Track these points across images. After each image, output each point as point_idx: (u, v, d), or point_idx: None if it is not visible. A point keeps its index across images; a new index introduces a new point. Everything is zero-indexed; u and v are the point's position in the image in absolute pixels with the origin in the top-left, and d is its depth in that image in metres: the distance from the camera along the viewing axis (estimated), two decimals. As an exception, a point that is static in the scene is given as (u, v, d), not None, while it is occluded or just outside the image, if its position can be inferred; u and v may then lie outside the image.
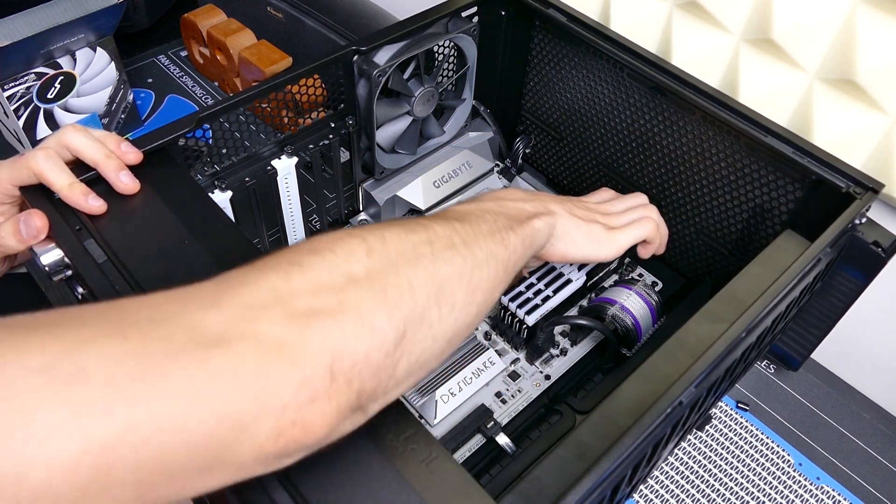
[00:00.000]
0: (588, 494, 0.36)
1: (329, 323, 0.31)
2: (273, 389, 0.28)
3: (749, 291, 0.47)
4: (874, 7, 0.58)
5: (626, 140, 0.70)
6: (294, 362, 0.29)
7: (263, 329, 0.29)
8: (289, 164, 0.64)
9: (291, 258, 0.33)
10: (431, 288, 0.36)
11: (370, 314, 0.32)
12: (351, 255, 0.34)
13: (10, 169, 0.47)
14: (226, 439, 0.28)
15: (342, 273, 0.33)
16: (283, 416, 0.29)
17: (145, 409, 0.26)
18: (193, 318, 0.29)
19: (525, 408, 0.61)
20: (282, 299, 0.31)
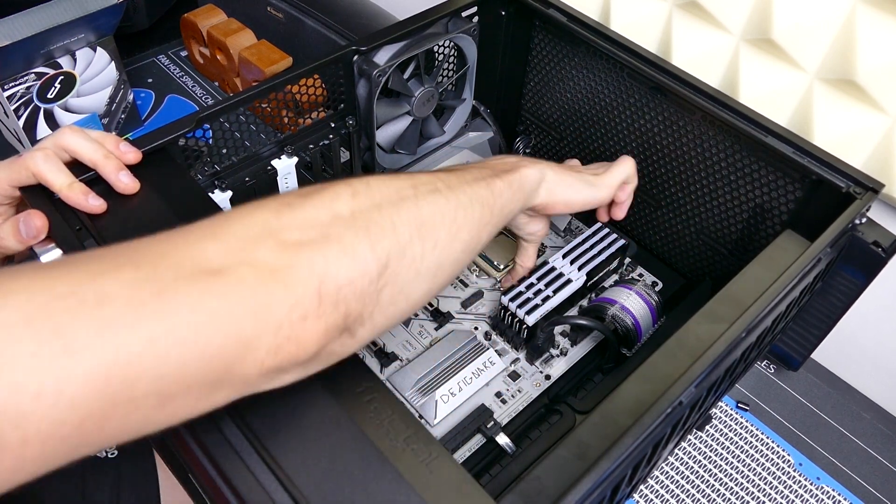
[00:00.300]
0: (588, 494, 0.36)
1: (315, 252, 0.34)
2: (269, 309, 0.32)
3: (749, 291, 0.47)
4: (874, 7, 0.58)
5: (626, 140, 0.70)
6: (286, 285, 0.32)
7: (258, 257, 0.33)
8: (289, 164, 0.64)
9: (282, 199, 0.37)
10: (414, 225, 0.39)
11: (353, 245, 0.36)
12: (336, 197, 0.37)
13: (9, 170, 0.47)
14: (232, 354, 0.31)
15: (328, 211, 0.36)
16: (279, 332, 0.32)
17: (163, 325, 0.29)
18: (196, 249, 0.32)
19: (525, 408, 0.61)
20: (273, 232, 0.34)
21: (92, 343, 0.27)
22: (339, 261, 0.35)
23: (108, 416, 0.28)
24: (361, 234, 0.36)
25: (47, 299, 0.27)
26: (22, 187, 0.47)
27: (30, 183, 0.47)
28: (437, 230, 0.41)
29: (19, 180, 0.47)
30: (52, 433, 0.27)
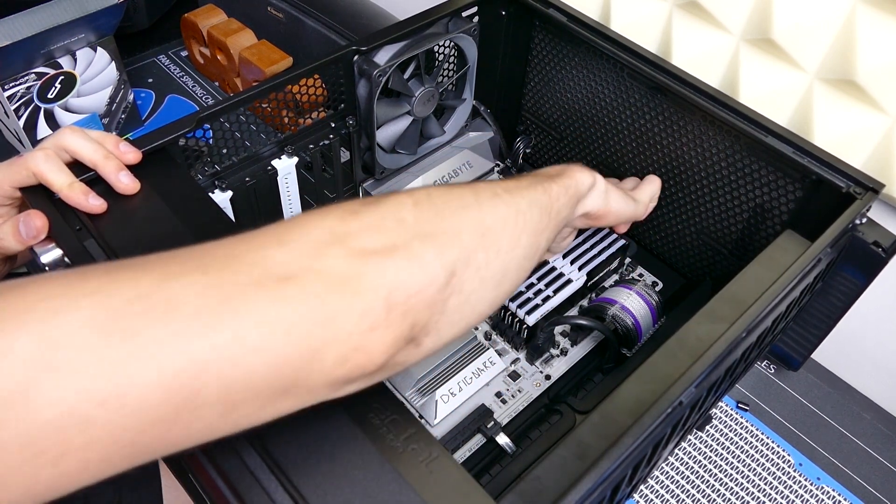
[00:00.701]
0: (588, 494, 0.36)
1: (384, 261, 0.34)
2: (339, 318, 0.31)
3: (749, 291, 0.47)
4: (874, 7, 0.58)
5: (626, 140, 0.70)
6: (355, 294, 0.32)
7: (326, 265, 0.32)
8: (289, 164, 0.64)
9: (345, 207, 0.36)
10: (477, 233, 0.39)
11: (420, 254, 0.35)
12: (400, 206, 0.37)
13: (9, 171, 0.47)
14: (300, 362, 0.31)
15: (393, 219, 0.36)
16: (348, 342, 0.32)
17: (231, 332, 0.29)
18: (263, 254, 0.32)
19: (525, 408, 0.61)
20: (340, 239, 0.34)
21: (159, 350, 0.27)
22: (407, 270, 0.34)
23: (171, 424, 0.28)
24: (428, 242, 0.36)
25: (118, 304, 0.27)
26: (22, 188, 0.47)
27: (30, 183, 0.47)
28: (499, 237, 0.40)
29: (20, 181, 0.47)
30: (116, 438, 0.27)
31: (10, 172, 0.47)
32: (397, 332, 0.34)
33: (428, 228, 0.36)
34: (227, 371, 0.29)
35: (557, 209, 0.47)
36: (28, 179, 0.47)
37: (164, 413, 0.28)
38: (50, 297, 0.27)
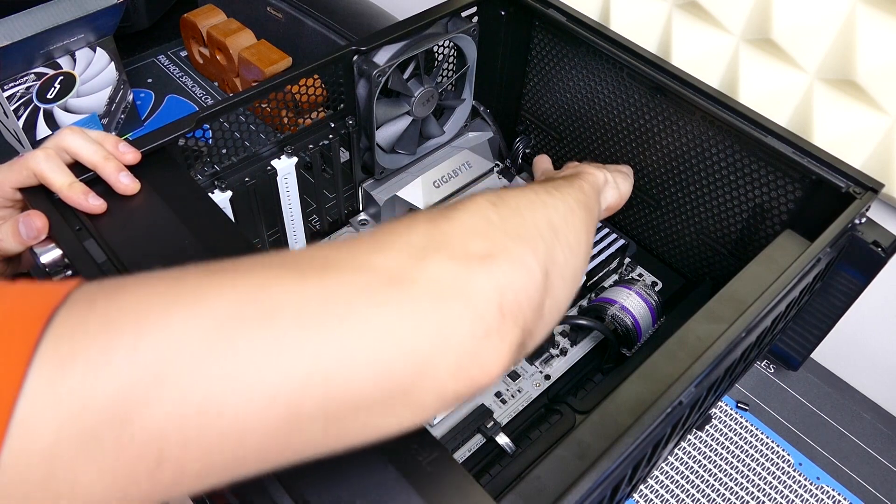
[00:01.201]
0: (588, 494, 0.36)
1: (490, 264, 0.32)
2: (452, 325, 0.29)
3: (749, 291, 0.47)
4: (874, 7, 0.58)
5: (626, 140, 0.70)
6: (468, 300, 0.30)
7: (432, 270, 0.30)
8: (289, 164, 0.64)
9: (431, 215, 0.35)
10: (552, 231, 0.38)
11: (520, 254, 0.34)
12: (481, 208, 0.36)
13: (10, 172, 0.47)
14: (410, 374, 0.28)
15: (481, 219, 0.35)
16: (462, 351, 0.30)
17: (335, 344, 0.27)
18: (365, 260, 0.30)
19: (525, 408, 0.61)
20: (439, 243, 0.32)
21: (258, 361, 0.26)
22: (513, 273, 0.33)
23: (269, 438, 0.27)
24: (520, 242, 0.34)
25: (220, 313, 0.26)
26: (22, 188, 0.47)
27: (31, 183, 0.47)
28: (568, 234, 0.39)
29: (20, 181, 0.47)
30: (213, 450, 0.26)
31: (11, 173, 0.47)
32: (511, 338, 0.32)
33: (514, 228, 0.35)
34: (330, 384, 0.27)
35: (594, 206, 0.48)
36: (28, 179, 0.47)
37: (263, 426, 0.26)
38: (150, 304, 0.26)
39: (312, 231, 0.73)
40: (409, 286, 0.29)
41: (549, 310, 0.36)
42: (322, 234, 0.73)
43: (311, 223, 0.74)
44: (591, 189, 0.49)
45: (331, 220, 0.73)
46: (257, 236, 0.66)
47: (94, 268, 0.44)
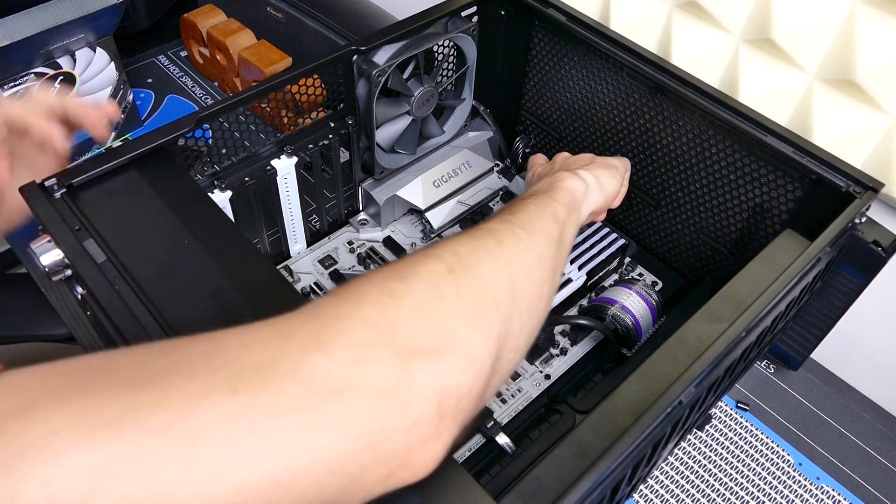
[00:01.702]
0: (588, 494, 0.36)
1: (434, 361, 0.30)
2: (385, 437, 0.28)
3: (749, 291, 0.47)
4: (874, 7, 0.58)
5: (626, 140, 0.70)
6: (404, 406, 0.29)
7: (372, 373, 0.28)
8: (288, 164, 0.64)
9: (381, 286, 0.32)
10: (510, 294, 0.36)
11: (469, 345, 0.32)
12: (436, 278, 0.34)
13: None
14: (338, 488, 0.28)
15: (433, 297, 0.33)
16: (393, 460, 0.29)
17: (261, 468, 0.26)
18: (300, 363, 0.28)
19: (525, 407, 0.61)
20: (384, 336, 0.30)
21: (180, 493, 0.24)
22: (458, 368, 0.31)
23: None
24: (472, 326, 0.32)
25: (136, 436, 0.24)
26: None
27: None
28: (528, 293, 0.37)
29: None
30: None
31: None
32: (448, 437, 0.30)
33: (468, 306, 0.33)
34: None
35: (568, 236, 0.45)
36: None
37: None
38: (58, 432, 0.24)
39: (312, 231, 0.73)
40: (347, 397, 0.27)
41: (495, 386, 0.35)
42: (322, 233, 0.73)
43: (311, 223, 0.74)
44: (564, 212, 0.46)
45: (331, 220, 0.73)
46: (257, 236, 0.66)
47: (94, 268, 0.44)
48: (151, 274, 0.44)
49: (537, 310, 0.38)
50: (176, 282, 0.44)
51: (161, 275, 0.44)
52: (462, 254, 0.36)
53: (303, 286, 0.69)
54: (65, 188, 0.47)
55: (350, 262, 0.72)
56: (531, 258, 0.39)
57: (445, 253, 0.35)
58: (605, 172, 0.56)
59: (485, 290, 0.34)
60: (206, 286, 0.43)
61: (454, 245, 0.37)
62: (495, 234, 0.39)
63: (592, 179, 0.54)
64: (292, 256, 0.71)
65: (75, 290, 0.47)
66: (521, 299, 0.36)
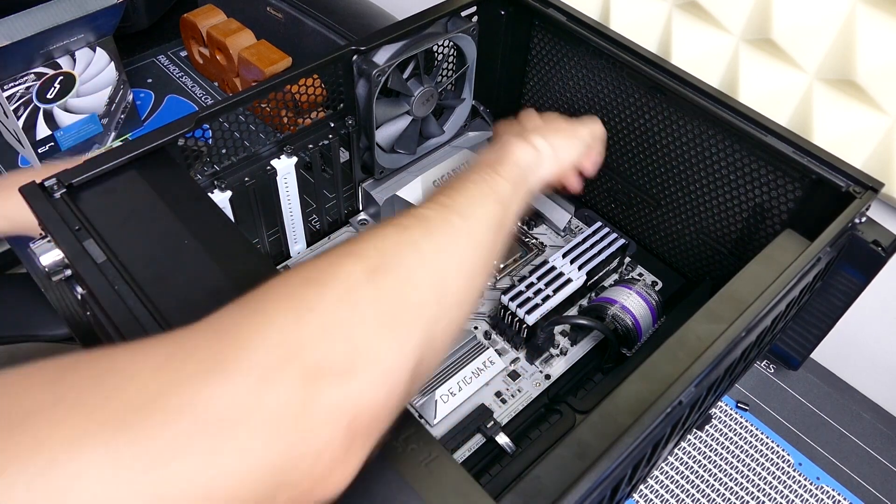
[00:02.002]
0: (588, 494, 0.36)
1: (345, 381, 0.28)
2: (290, 466, 0.26)
3: (749, 291, 0.47)
4: (874, 7, 0.58)
5: (626, 140, 0.70)
6: (310, 432, 0.27)
7: (275, 398, 0.26)
8: (288, 164, 0.64)
9: (292, 295, 0.30)
10: (437, 294, 0.34)
11: (385, 358, 0.30)
12: (353, 283, 0.31)
13: None
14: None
15: (349, 308, 0.30)
16: (301, 485, 0.27)
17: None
18: (195, 393, 0.25)
19: (525, 407, 0.61)
20: (291, 355, 0.28)
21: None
22: (372, 385, 0.29)
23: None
24: (390, 337, 0.30)
25: (14, 480, 0.22)
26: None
27: None
28: (458, 287, 0.35)
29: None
30: None
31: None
32: (360, 455, 0.29)
33: (388, 311, 0.31)
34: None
35: (512, 215, 0.42)
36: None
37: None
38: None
39: (312, 231, 0.73)
40: (246, 426, 0.25)
41: (415, 391, 0.33)
42: (322, 233, 0.73)
43: (311, 223, 0.74)
44: (514, 185, 0.43)
45: (331, 220, 0.73)
46: (257, 236, 0.66)
47: (94, 268, 0.44)
48: (151, 274, 0.44)
49: (467, 303, 0.36)
50: (176, 282, 0.44)
51: (161, 275, 0.44)
52: (386, 250, 0.33)
53: (303, 286, 0.69)
54: (65, 188, 0.47)
55: (350, 262, 0.71)
56: (465, 249, 0.36)
57: (367, 249, 0.33)
58: (562, 140, 0.52)
59: (407, 292, 0.32)
60: (206, 286, 0.43)
61: (379, 239, 0.34)
62: (426, 224, 0.36)
63: (546, 147, 0.49)
64: (292, 256, 0.71)
65: (75, 290, 0.47)
66: (450, 297, 0.34)
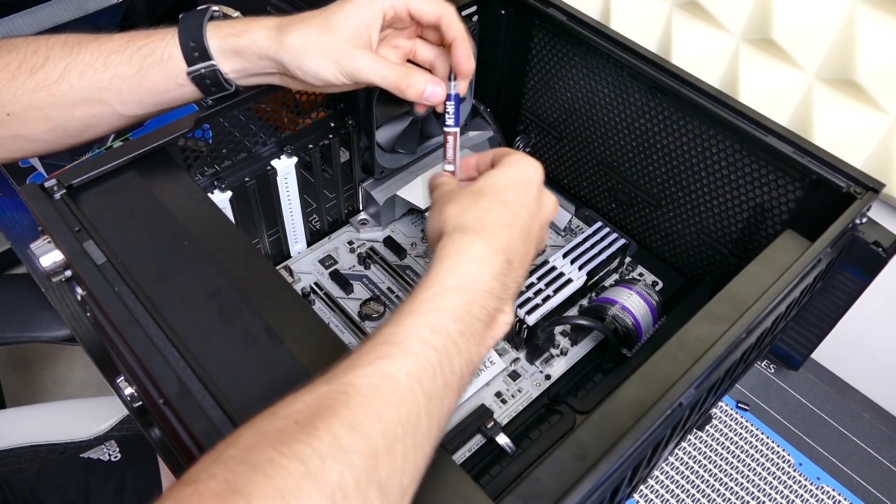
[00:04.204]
0: (588, 496, 0.36)
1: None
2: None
3: (749, 292, 0.47)
4: (874, 7, 0.58)
5: (626, 139, 0.70)
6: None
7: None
8: (288, 164, 0.64)
9: (246, 474, 0.27)
10: (408, 461, 0.31)
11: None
12: (307, 483, 0.27)
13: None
14: None
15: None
16: None
17: None
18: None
19: (525, 408, 0.61)
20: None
21: None
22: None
23: None
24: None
25: None
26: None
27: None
28: (423, 442, 0.32)
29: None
30: None
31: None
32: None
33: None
34: None
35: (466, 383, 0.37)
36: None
37: None
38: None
39: (312, 231, 0.73)
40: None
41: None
42: (322, 233, 0.73)
43: (311, 223, 0.74)
44: (478, 357, 0.38)
45: (331, 220, 0.73)
46: (257, 236, 0.66)
47: (94, 269, 0.44)
48: (151, 275, 0.44)
49: (423, 467, 0.33)
50: (175, 283, 0.44)
51: (161, 275, 0.44)
52: (359, 427, 0.30)
53: (303, 286, 0.69)
54: (65, 189, 0.48)
55: (350, 262, 0.72)
56: (425, 439, 0.33)
57: (344, 414, 0.30)
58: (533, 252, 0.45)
59: (382, 483, 0.29)
60: (206, 287, 0.44)
61: (367, 402, 0.30)
62: (421, 385, 0.32)
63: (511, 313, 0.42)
64: (292, 256, 0.71)
65: (75, 290, 0.47)
66: (419, 451, 0.32)
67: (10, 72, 0.48)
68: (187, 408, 0.38)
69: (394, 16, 0.51)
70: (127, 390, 0.57)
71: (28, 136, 0.50)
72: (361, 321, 0.66)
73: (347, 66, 0.49)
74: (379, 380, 0.32)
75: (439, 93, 0.51)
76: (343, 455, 0.28)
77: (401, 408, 0.31)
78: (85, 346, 0.68)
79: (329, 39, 0.48)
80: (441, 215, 0.42)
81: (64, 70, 0.48)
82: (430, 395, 0.33)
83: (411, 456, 0.31)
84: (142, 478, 0.72)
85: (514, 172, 0.44)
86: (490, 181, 0.44)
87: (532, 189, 0.44)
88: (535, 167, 0.45)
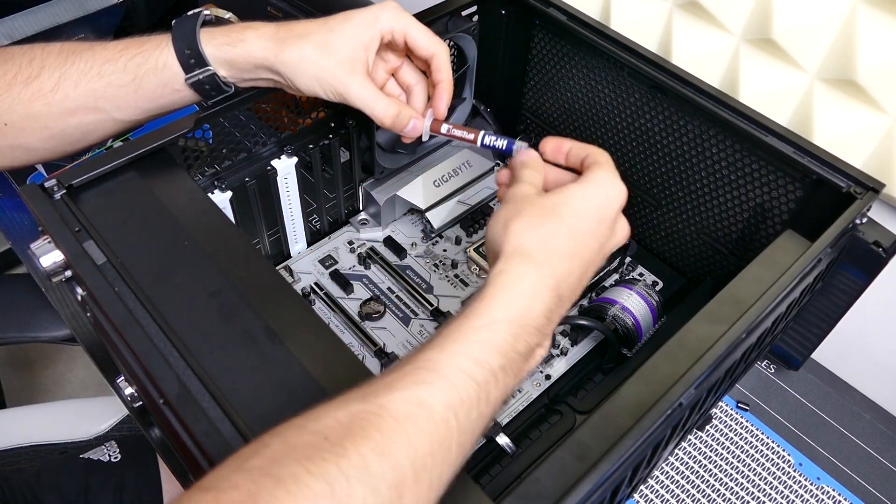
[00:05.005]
0: (588, 496, 0.36)
1: None
2: None
3: (750, 292, 0.47)
4: (874, 7, 0.58)
5: (626, 139, 0.70)
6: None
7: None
8: (289, 164, 0.63)
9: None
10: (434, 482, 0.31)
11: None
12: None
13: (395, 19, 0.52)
14: None
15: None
16: None
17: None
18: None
19: (525, 408, 0.61)
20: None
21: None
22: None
23: None
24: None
25: None
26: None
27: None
28: (450, 466, 0.32)
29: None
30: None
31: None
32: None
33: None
34: None
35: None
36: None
37: None
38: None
39: (313, 231, 0.73)
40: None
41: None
42: (322, 233, 0.73)
43: (311, 223, 0.74)
44: (512, 387, 0.37)
45: (331, 220, 0.73)
46: (257, 236, 0.66)
47: (94, 269, 0.44)
48: (151, 275, 0.44)
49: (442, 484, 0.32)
50: (176, 283, 0.44)
51: (161, 276, 0.44)
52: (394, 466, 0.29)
53: (303, 286, 0.69)
54: (65, 189, 0.48)
55: (350, 262, 0.72)
56: (451, 470, 0.32)
57: (342, 480, 0.28)
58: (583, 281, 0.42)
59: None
60: (206, 287, 0.44)
61: (373, 461, 0.29)
62: (458, 421, 0.32)
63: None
64: (292, 256, 0.71)
65: (75, 290, 0.47)
66: (445, 475, 0.32)
67: (6, 82, 0.49)
68: (187, 408, 0.38)
69: (391, 40, 0.53)
70: (127, 390, 0.57)
71: (26, 146, 0.51)
72: (361, 321, 0.66)
73: (339, 90, 0.51)
74: (414, 406, 0.31)
75: (419, 128, 0.54)
76: (370, 480, 0.28)
77: (433, 438, 0.31)
78: (85, 346, 0.68)
79: (325, 60, 0.50)
80: (506, 226, 0.40)
81: (59, 79, 0.49)
82: (464, 428, 0.32)
83: (436, 487, 0.31)
84: (142, 478, 0.72)
85: (595, 194, 0.41)
86: (568, 198, 0.41)
87: (608, 217, 0.42)
88: (619, 191, 0.42)
